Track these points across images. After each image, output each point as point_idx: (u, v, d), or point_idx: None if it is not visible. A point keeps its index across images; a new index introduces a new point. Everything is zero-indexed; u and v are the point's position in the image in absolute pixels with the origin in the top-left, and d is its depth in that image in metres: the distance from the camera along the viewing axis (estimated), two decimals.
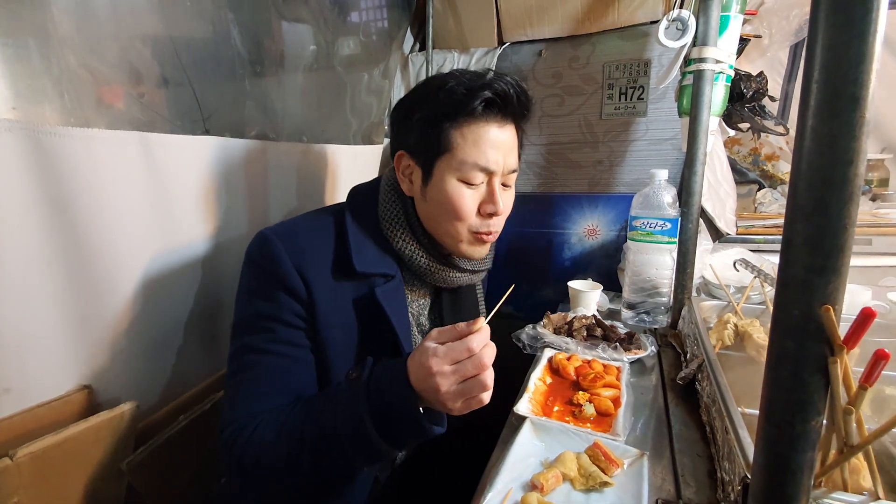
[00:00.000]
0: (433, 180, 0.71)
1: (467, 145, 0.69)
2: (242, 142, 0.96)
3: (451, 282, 0.80)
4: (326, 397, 0.63)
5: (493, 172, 0.71)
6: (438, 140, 0.69)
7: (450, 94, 0.68)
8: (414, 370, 0.56)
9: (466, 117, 0.68)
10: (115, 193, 0.72)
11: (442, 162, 0.70)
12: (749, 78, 1.30)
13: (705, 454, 0.66)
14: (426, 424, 0.56)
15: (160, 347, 0.84)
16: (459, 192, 0.70)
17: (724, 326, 0.88)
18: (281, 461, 0.60)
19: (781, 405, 0.34)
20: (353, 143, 1.40)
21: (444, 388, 0.54)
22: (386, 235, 0.75)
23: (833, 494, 0.40)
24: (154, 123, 0.80)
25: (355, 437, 0.57)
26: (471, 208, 0.71)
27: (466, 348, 0.54)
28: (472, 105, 0.67)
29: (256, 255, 0.70)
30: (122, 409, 0.71)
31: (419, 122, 0.71)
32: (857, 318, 0.32)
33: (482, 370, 0.54)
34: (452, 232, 0.73)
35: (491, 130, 0.69)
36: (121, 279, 0.76)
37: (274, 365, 0.67)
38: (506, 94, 0.69)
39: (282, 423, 0.62)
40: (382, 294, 0.71)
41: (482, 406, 0.56)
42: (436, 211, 0.73)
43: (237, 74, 0.97)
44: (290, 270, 0.67)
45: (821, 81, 0.29)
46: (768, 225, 1.49)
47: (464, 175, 0.70)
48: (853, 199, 0.29)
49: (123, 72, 0.76)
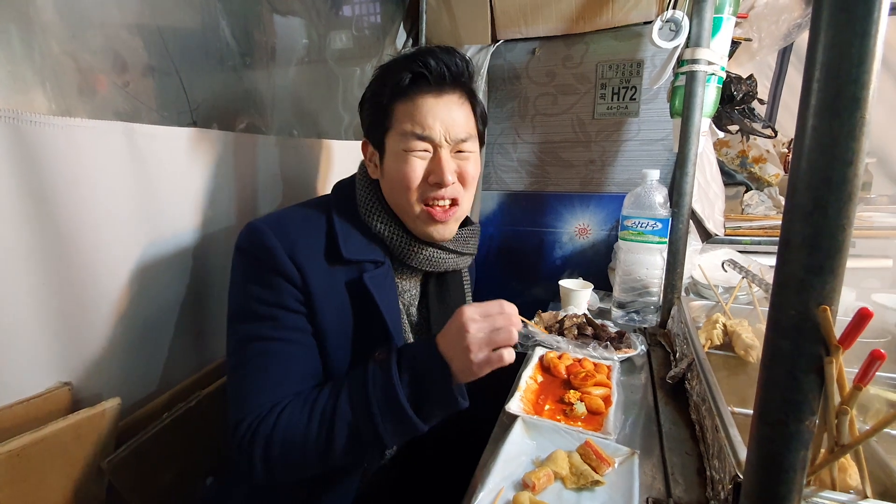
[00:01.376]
0: (385, 156, 0.75)
1: (405, 118, 0.71)
2: (231, 134, 0.94)
3: (437, 263, 0.79)
4: (356, 378, 0.64)
5: (433, 140, 0.72)
6: (384, 119, 0.73)
7: (385, 72, 0.73)
8: (445, 333, 0.63)
9: (400, 92, 0.71)
10: (97, 185, 0.70)
11: (389, 139, 0.74)
12: (739, 80, 1.31)
13: (694, 452, 0.66)
14: (456, 395, 0.61)
15: (144, 343, 0.82)
16: (407, 160, 0.72)
17: (713, 326, 0.89)
18: (311, 446, 0.61)
19: (776, 404, 0.34)
20: (345, 138, 1.39)
21: (473, 331, 0.59)
22: (365, 221, 0.76)
23: (822, 493, 0.40)
24: (139, 113, 0.78)
25: (390, 413, 0.60)
26: (416, 177, 0.72)
27: (498, 303, 0.63)
28: (402, 79, 0.70)
29: (248, 245, 0.69)
30: (103, 406, 0.69)
31: (366, 105, 0.77)
32: (854, 319, 0.32)
33: (510, 322, 0.61)
34: (406, 206, 0.74)
35: (426, 101, 0.71)
36: (103, 273, 0.74)
37: (282, 351, 0.67)
38: (428, 64, 0.70)
39: (311, 409, 0.63)
40: (371, 279, 0.72)
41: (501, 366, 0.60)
42: (390, 186, 0.75)
43: (226, 65, 0.95)
44: (282, 257, 0.67)
45: (822, 81, 0.29)
46: (755, 226, 1.51)
47: (407, 146, 0.72)
48: (852, 199, 0.29)
49: (108, 60, 0.74)
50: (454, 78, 0.73)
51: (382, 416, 0.60)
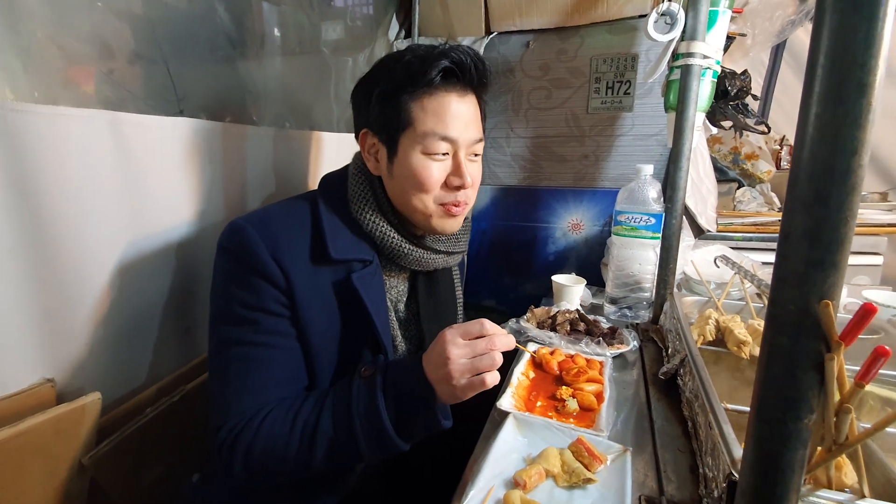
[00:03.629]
0: (398, 156, 0.70)
1: (428, 117, 0.68)
2: (220, 125, 0.91)
3: (427, 264, 0.78)
4: (340, 392, 0.64)
5: (456, 143, 0.70)
6: (399, 115, 0.68)
7: (406, 66, 0.67)
8: (428, 356, 0.61)
9: (425, 88, 0.67)
10: (81, 175, 0.68)
11: (405, 137, 0.69)
12: (734, 75, 1.31)
13: (687, 449, 0.66)
14: (440, 418, 0.60)
15: (130, 339, 0.80)
16: (425, 165, 0.69)
17: (705, 322, 0.88)
18: (292, 456, 0.61)
19: (774, 402, 0.33)
20: (337, 130, 1.36)
21: (454, 357, 0.58)
22: (356, 217, 0.73)
23: (819, 492, 0.40)
24: (125, 102, 0.76)
25: (371, 432, 0.60)
26: (437, 180, 0.70)
27: (480, 324, 0.60)
28: (430, 76, 0.66)
29: (229, 244, 0.67)
30: (83, 401, 0.67)
31: (379, 97, 0.70)
32: (857, 314, 0.31)
33: (493, 346, 0.59)
34: (421, 207, 0.72)
35: (451, 100, 0.69)
36: (88, 267, 0.72)
37: (263, 357, 0.66)
38: (462, 63, 0.68)
39: (293, 419, 0.62)
40: (359, 279, 0.70)
41: (483, 390, 0.59)
42: (403, 187, 0.71)
43: (215, 54, 0.92)
44: (265, 257, 0.65)
45: (826, 66, 0.28)
46: (747, 223, 1.51)
47: (427, 148, 0.69)
48: (855, 190, 0.28)
49: (93, 46, 0.72)
50: (480, 79, 0.71)
51: (364, 436, 0.60)
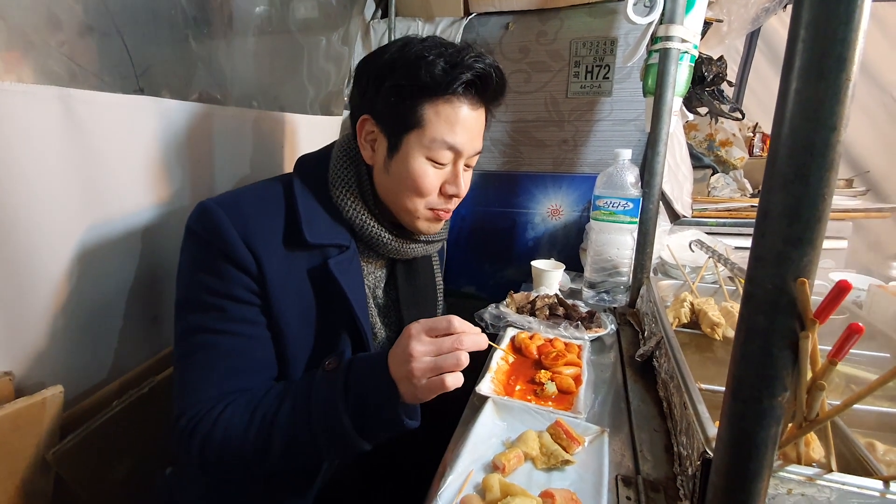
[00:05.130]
0: (399, 154, 0.68)
1: (440, 123, 0.66)
2: (184, 104, 0.87)
3: (405, 253, 0.76)
4: (301, 386, 0.61)
5: (460, 153, 0.69)
6: (411, 114, 0.66)
7: (430, 67, 0.64)
8: (393, 352, 0.57)
9: (444, 95, 0.65)
10: (32, 157, 0.64)
11: (411, 136, 0.67)
12: (710, 61, 1.32)
13: (662, 429, 0.67)
14: (403, 419, 0.57)
15: (91, 330, 0.77)
16: (425, 170, 0.68)
17: (680, 305, 0.90)
18: (249, 449, 0.58)
19: (750, 381, 0.33)
20: (311, 112, 1.32)
21: (417, 355, 0.54)
22: (336, 203, 0.70)
23: (789, 468, 0.41)
24: (76, 77, 0.71)
25: (329, 430, 0.57)
26: (434, 186, 0.70)
27: (447, 321, 0.57)
28: (454, 85, 0.64)
29: (197, 226, 0.64)
30: (43, 395, 0.64)
31: (392, 89, 0.66)
32: (832, 292, 0.31)
33: (459, 345, 0.55)
34: (411, 208, 0.71)
35: (464, 111, 0.67)
36: (43, 255, 0.68)
37: (229, 345, 0.63)
38: (488, 77, 0.66)
39: (252, 411, 0.60)
40: (336, 265, 0.67)
41: (444, 392, 0.55)
42: (397, 186, 0.70)
43: (177, 27, 0.87)
44: (235, 242, 0.62)
45: (807, 40, 0.28)
46: (721, 209, 1.54)
47: (433, 153, 0.67)
48: (833, 166, 0.28)
49: (39, 16, 0.67)
50: (495, 96, 0.71)
51: (323, 432, 0.57)
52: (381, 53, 0.69)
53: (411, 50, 0.66)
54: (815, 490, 0.41)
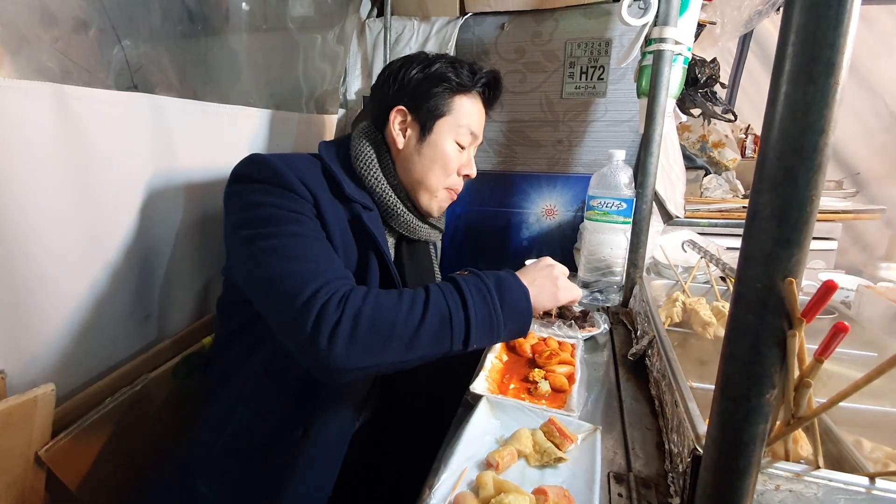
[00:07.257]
0: (431, 137, 0.82)
1: (467, 112, 0.83)
2: (178, 101, 0.87)
3: (413, 230, 0.86)
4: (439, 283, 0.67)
5: (476, 139, 0.87)
6: (444, 104, 0.81)
7: (461, 70, 0.82)
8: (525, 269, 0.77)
9: (470, 90, 0.84)
10: (26, 153, 0.63)
11: (443, 123, 0.82)
12: (703, 63, 1.33)
13: (654, 427, 0.68)
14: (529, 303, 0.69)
15: (85, 327, 0.76)
16: (454, 151, 0.84)
17: (672, 304, 0.91)
18: (402, 325, 0.59)
19: (738, 379, 0.33)
20: (306, 111, 1.32)
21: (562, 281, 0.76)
22: (360, 174, 0.80)
23: (777, 465, 0.41)
24: (69, 73, 0.70)
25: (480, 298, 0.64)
26: (457, 165, 0.85)
27: None
28: (478, 84, 0.84)
29: (253, 171, 0.69)
30: (34, 392, 0.64)
31: (429, 82, 0.80)
32: (818, 291, 0.32)
33: None
34: (434, 184, 0.83)
35: (479, 105, 0.87)
36: (35, 252, 0.67)
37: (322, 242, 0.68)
38: (497, 82, 0.88)
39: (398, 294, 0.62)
40: (369, 219, 0.77)
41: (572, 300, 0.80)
42: (428, 163, 0.82)
43: (172, 24, 0.87)
44: (294, 181, 0.68)
45: (797, 44, 0.28)
46: (713, 209, 1.55)
47: (459, 137, 0.83)
48: (821, 169, 0.29)
49: (32, 11, 0.66)
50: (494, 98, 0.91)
51: (474, 303, 0.63)
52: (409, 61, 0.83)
53: (441, 58, 0.83)
54: (802, 486, 0.41)
